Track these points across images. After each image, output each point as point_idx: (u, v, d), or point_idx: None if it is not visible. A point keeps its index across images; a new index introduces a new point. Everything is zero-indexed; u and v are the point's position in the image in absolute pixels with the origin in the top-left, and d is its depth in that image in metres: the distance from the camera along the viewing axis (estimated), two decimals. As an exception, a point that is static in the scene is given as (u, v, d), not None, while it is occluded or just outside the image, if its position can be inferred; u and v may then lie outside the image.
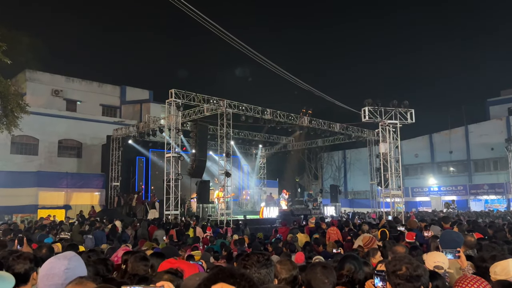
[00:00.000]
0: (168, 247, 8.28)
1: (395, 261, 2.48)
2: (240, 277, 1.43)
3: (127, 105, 36.54)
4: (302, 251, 8.11)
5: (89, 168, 29.57)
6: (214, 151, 27.29)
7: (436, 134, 42.02)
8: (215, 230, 15.10)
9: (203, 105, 21.08)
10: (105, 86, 36.38)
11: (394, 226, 10.43)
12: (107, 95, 36.02)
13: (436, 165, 41.69)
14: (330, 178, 48.29)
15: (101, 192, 27.11)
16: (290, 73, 23.47)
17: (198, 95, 20.43)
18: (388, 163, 21.38)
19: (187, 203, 24.51)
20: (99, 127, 30.62)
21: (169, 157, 19.63)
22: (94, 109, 34.28)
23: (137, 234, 14.75)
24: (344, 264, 3.53)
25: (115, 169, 26.46)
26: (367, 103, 20.76)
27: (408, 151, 41.31)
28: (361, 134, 28.59)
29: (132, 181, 27.36)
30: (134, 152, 27.02)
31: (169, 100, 19.79)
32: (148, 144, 27.05)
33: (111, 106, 36.13)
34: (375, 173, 28.30)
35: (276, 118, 23.67)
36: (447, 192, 38.35)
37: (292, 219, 20.50)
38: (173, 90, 19.71)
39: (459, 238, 4.54)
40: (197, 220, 17.88)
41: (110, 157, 26.41)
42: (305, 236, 12.05)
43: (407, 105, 21.03)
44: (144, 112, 34.49)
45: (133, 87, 37.79)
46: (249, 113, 22.41)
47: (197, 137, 20.52)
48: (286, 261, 3.11)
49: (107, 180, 26.58)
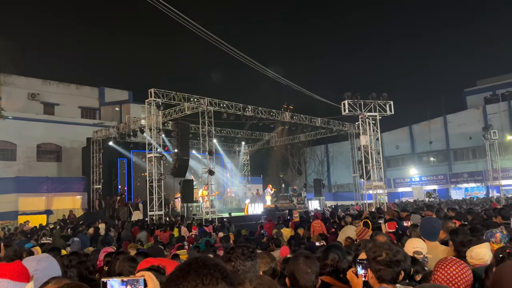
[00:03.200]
0: (153, 246, 8.23)
1: (375, 247, 2.53)
2: (214, 267, 1.41)
3: (106, 107, 36.08)
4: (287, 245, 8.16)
5: (69, 172, 29.13)
6: (196, 149, 27.15)
7: (415, 125, 42.71)
8: (200, 229, 15.07)
9: (183, 103, 20.96)
10: (83, 88, 35.85)
11: (376, 216, 10.57)
12: (86, 97, 35.51)
13: (416, 156, 42.40)
14: (314, 172, 48.63)
15: (82, 196, 26.74)
16: (269, 69, 23.52)
17: (178, 94, 20.30)
18: (369, 155, 21.64)
19: (171, 203, 24.37)
20: (78, 129, 30.16)
21: (151, 158, 19.47)
22: (73, 112, 33.75)
23: (120, 236, 14.61)
24: (328, 254, 3.57)
25: (96, 171, 26.13)
26: (346, 96, 20.95)
27: (389, 143, 41.92)
28: (342, 127, 28.85)
29: (115, 183, 27.06)
30: (115, 154, 26.70)
31: (149, 99, 19.62)
32: (129, 145, 26.78)
33: (90, 108, 35.63)
34: (357, 165, 28.60)
35: (258, 115, 23.70)
36: (428, 182, 39.08)
37: (277, 214, 20.57)
38: (153, 90, 19.54)
39: (437, 224, 4.64)
40: (182, 220, 17.82)
41: (90, 160, 26.07)
42: (290, 230, 12.12)
43: (385, 97, 21.29)
44: (124, 113, 34.12)
45: (112, 88, 37.33)
46: (231, 110, 22.38)
47: (178, 136, 20.41)
48: (264, 253, 3.13)
49: (89, 183, 26.23)
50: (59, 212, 24.05)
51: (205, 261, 1.43)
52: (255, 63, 22.30)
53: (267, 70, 23.12)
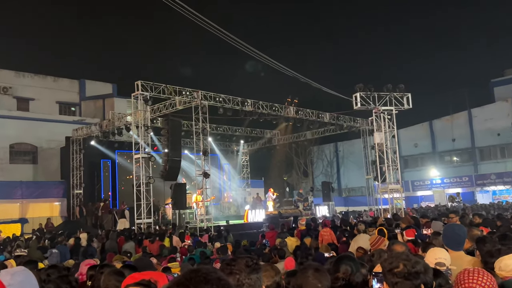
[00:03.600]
0: (141, 259, 8.26)
1: (391, 258, 2.53)
2: (217, 282, 1.37)
3: (87, 101, 36.10)
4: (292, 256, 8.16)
5: (46, 175, 29.15)
6: (189, 149, 27.14)
7: (436, 120, 42.69)
8: (194, 238, 15.10)
9: (174, 97, 20.97)
10: (61, 80, 35.86)
11: (393, 224, 10.58)
12: (64, 91, 35.52)
13: (438, 155, 42.40)
14: (322, 174, 48.65)
15: (61, 202, 26.78)
16: (272, 58, 23.53)
17: (168, 87, 20.32)
18: (384, 155, 21.65)
19: (161, 210, 24.40)
20: (56, 127, 30.16)
21: (138, 159, 19.50)
22: (50, 108, 33.77)
23: (104, 248, 14.63)
24: (339, 266, 3.56)
25: (77, 175, 26.17)
26: (358, 88, 20.95)
27: (406, 140, 41.90)
28: (353, 123, 28.86)
29: (97, 187, 27.09)
30: (98, 155, 26.72)
31: (136, 93, 19.63)
32: (114, 145, 26.80)
33: (69, 103, 35.64)
34: (370, 166, 28.62)
35: (258, 110, 23.71)
36: (451, 184, 39.03)
37: (281, 222, 20.59)
38: (140, 82, 19.56)
39: (461, 232, 4.64)
40: (174, 228, 17.85)
41: (70, 162, 26.10)
42: (295, 240, 12.12)
43: (402, 89, 21.29)
44: (107, 109, 34.12)
45: (93, 81, 37.36)
46: (228, 105, 22.39)
47: (169, 134, 20.42)
48: (267, 266, 3.13)
49: (68, 187, 26.26)
50: (35, 221, 24.07)
51: (207, 274, 1.38)
52: (255, 52, 22.32)
53: (269, 60, 23.13)
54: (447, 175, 40.29)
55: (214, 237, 15.88)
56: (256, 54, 22.57)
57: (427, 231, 7.47)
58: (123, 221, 21.73)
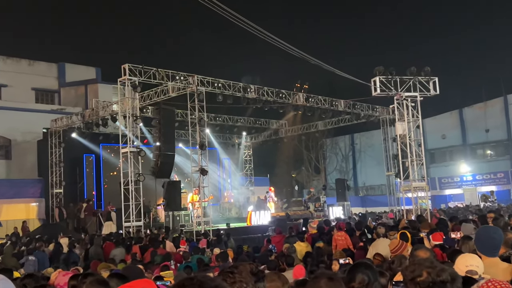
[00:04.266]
0: (130, 266, 8.32)
1: (414, 265, 2.55)
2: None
3: (67, 88, 36.14)
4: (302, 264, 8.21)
5: (22, 172, 29.24)
6: (184, 142, 27.19)
7: (467, 108, 42.50)
8: (191, 244, 15.18)
9: (167, 83, 20.97)
10: (38, 64, 35.90)
11: (417, 227, 10.61)
12: (41, 76, 35.56)
13: (469, 148, 42.27)
14: (336, 170, 48.65)
15: (39, 203, 26.89)
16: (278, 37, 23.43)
17: (160, 71, 20.30)
18: (407, 148, 21.60)
19: (153, 212, 24.48)
20: (32, 118, 30.22)
21: (126, 153, 19.53)
22: (25, 95, 33.82)
23: (88, 254, 14.72)
24: (354, 274, 3.56)
25: (56, 171, 26.25)
26: (377, 71, 20.85)
27: (432, 131, 41.73)
28: (372, 112, 28.80)
29: (80, 186, 27.17)
30: (80, 149, 26.80)
31: (122, 78, 19.63)
32: (98, 138, 26.87)
33: (47, 90, 35.71)
34: (391, 161, 28.56)
35: (263, 97, 23.68)
36: (484, 182, 38.93)
37: (288, 225, 20.65)
38: (127, 66, 19.54)
39: (497, 235, 4.62)
40: (167, 232, 17.93)
41: (48, 157, 26.19)
42: (305, 245, 12.17)
43: (428, 72, 21.18)
44: (90, 96, 34.15)
45: (74, 64, 37.38)
46: (228, 91, 22.37)
47: (161, 125, 20.45)
48: (273, 275, 3.15)
49: (47, 186, 26.36)
50: (9, 224, 24.19)
51: (203, 282, 1.40)
52: (259, 30, 22.23)
53: (274, 39, 23.03)
54: (479, 171, 40.17)
55: (213, 242, 15.95)
56: (260, 33, 22.49)
57: (456, 235, 7.49)
58: (109, 224, 21.82)
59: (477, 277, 3.95)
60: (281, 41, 23.06)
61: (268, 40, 22.68)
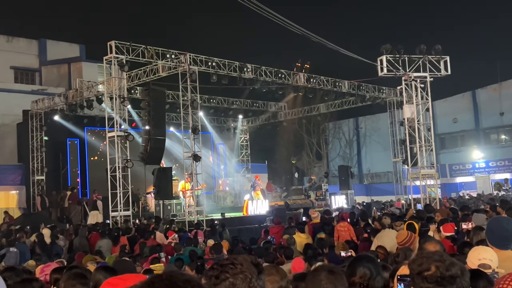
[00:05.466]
0: (120, 260, 8.35)
1: (421, 259, 2.55)
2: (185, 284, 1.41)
3: (49, 67, 35.97)
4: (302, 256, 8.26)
5: (0, 158, 29.21)
6: (175, 126, 27.15)
7: (480, 90, 42.43)
8: (183, 235, 15.24)
9: (156, 62, 20.87)
10: (17, 40, 35.65)
11: (425, 217, 10.67)
12: (20, 54, 35.35)
13: (482, 133, 42.28)
14: (339, 157, 48.70)
15: (19, 191, 26.87)
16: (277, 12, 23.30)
17: (149, 49, 20.20)
18: (416, 133, 21.63)
19: (142, 200, 24.52)
20: (11, 99, 30.08)
21: (113, 137, 19.50)
22: (3, 74, 33.65)
23: (72, 246, 14.77)
24: (355, 268, 3.58)
25: (38, 157, 26.21)
26: (384, 50, 20.83)
27: (443, 114, 41.75)
28: (378, 94, 28.75)
29: (63, 172, 27.18)
30: (63, 132, 26.76)
31: (108, 56, 19.52)
32: (83, 121, 26.79)
33: (26, 69, 35.54)
34: (399, 147, 28.60)
35: (261, 77, 23.62)
36: (498, 169, 38.99)
37: (288, 215, 20.74)
38: (113, 43, 19.43)
39: (510, 226, 4.64)
40: (158, 222, 17.97)
41: (29, 141, 26.11)
42: (305, 236, 12.25)
43: (439, 51, 21.16)
44: (74, 75, 33.98)
45: (56, 41, 37.15)
46: (223, 71, 22.30)
47: (150, 107, 20.40)
48: (271, 268, 3.15)
49: (28, 173, 26.33)
50: (-12, 213, 24.26)
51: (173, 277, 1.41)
52: (256, 4, 22.10)
53: (273, 14, 22.91)
54: (493, 157, 40.23)
55: (207, 233, 16.02)
56: (257, 7, 22.37)
57: (467, 226, 7.53)
58: (95, 214, 21.86)
59: (490, 271, 3.97)
60: (280, 17, 22.94)
61: (267, 16, 22.56)
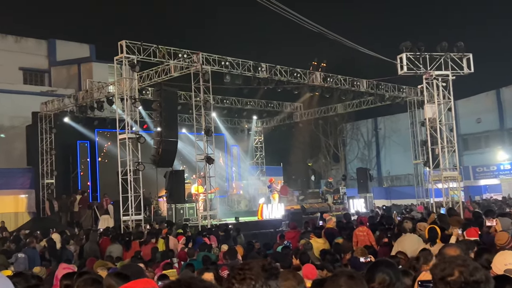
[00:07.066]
0: (130, 265, 8.39)
1: (444, 263, 2.54)
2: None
3: (59, 68, 36.20)
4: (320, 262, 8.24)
5: (9, 161, 29.38)
6: (188, 127, 27.23)
7: (505, 88, 42.08)
8: (196, 239, 15.26)
9: (168, 62, 20.95)
10: (26, 41, 35.91)
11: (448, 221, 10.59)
12: (30, 54, 35.58)
13: (507, 133, 41.94)
14: (357, 159, 48.52)
15: (28, 194, 27.04)
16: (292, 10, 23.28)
17: (160, 48, 20.29)
18: (438, 133, 21.49)
19: (154, 204, 24.57)
20: (19, 100, 30.30)
21: (124, 140, 19.59)
22: (12, 76, 33.87)
23: (83, 251, 14.85)
24: (374, 273, 3.57)
25: (47, 160, 26.40)
26: (404, 47, 20.71)
27: (466, 114, 41.43)
28: (398, 93, 28.62)
29: (73, 176, 27.33)
30: (73, 135, 26.93)
31: (119, 56, 19.62)
32: (93, 122, 26.95)
33: (36, 70, 35.77)
34: (420, 148, 28.42)
35: (276, 77, 23.60)
36: (524, 171, 38.69)
37: (304, 219, 20.69)
38: (124, 42, 19.54)
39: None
40: (170, 227, 18.01)
41: (38, 144, 26.31)
42: (322, 241, 12.20)
43: (462, 48, 21.00)
44: (84, 76, 34.23)
45: (66, 41, 37.35)
46: (237, 70, 22.32)
47: (162, 108, 20.46)
48: (287, 273, 3.18)
49: (37, 176, 26.50)
50: (-3, 218, 24.45)
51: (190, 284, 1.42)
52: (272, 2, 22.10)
53: (288, 12, 22.89)
54: (519, 159, 39.91)
55: (221, 238, 16.03)
56: (272, 5, 22.37)
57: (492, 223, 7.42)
58: (105, 218, 21.96)
59: (517, 276, 3.93)
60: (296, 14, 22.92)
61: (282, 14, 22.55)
